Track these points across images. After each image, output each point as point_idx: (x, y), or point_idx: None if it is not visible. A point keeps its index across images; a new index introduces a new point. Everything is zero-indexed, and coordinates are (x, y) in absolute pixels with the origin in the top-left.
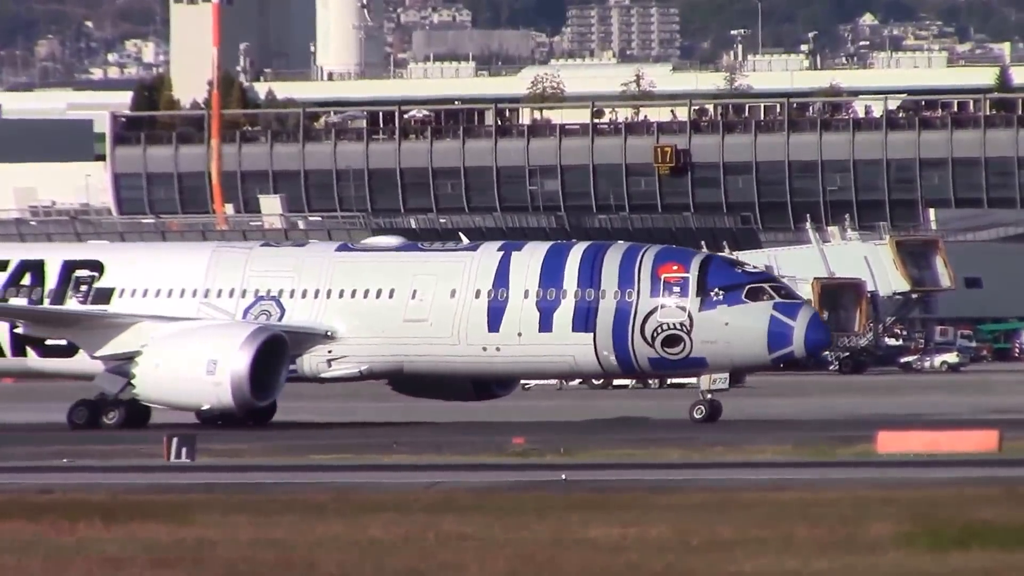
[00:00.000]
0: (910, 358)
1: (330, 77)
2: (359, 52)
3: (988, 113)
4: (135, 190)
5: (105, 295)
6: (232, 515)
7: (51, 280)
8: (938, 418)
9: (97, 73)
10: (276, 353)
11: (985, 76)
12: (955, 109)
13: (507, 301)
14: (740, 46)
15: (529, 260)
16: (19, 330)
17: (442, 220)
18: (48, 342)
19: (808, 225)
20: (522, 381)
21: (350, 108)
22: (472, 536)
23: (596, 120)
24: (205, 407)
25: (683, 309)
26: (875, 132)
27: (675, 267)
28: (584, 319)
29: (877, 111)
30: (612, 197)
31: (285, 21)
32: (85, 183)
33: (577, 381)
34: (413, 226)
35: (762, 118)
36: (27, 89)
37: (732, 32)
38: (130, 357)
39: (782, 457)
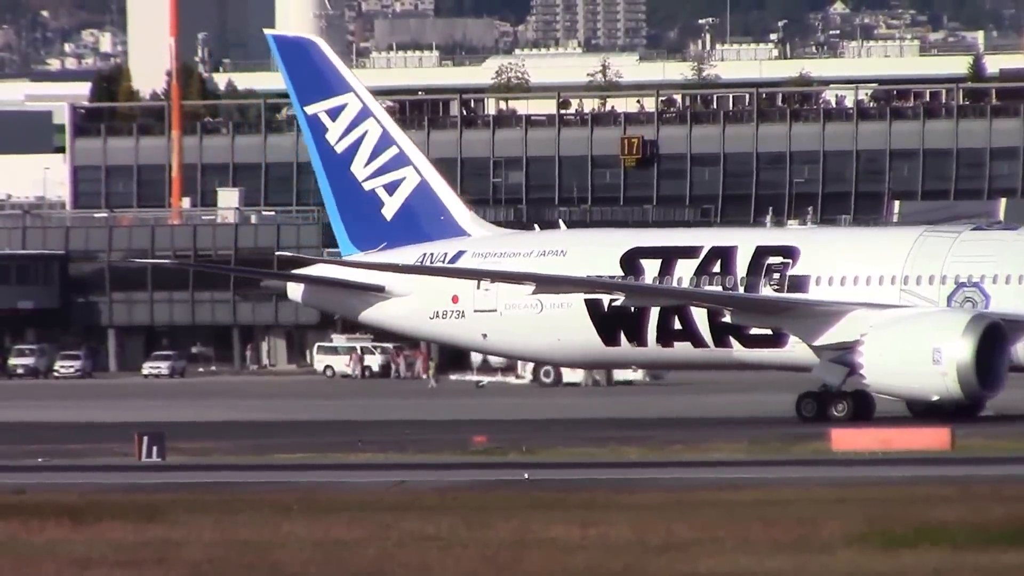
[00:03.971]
0: None
1: None
2: None
3: (961, 103)
4: (93, 183)
5: (800, 283)
6: (198, 515)
7: (741, 267)
8: (886, 415)
9: (54, 64)
10: (994, 342)
11: (958, 65)
12: (927, 99)
13: None
14: (708, 35)
15: None
16: (727, 319)
17: None
18: (752, 332)
19: (768, 217)
20: (475, 379)
21: None
22: (435, 536)
23: (562, 111)
24: (934, 398)
25: None
26: (846, 123)
27: None
28: None
29: (848, 101)
30: (576, 189)
31: (243, 10)
32: (43, 176)
33: (528, 379)
34: None
35: (731, 108)
36: None
37: (700, 21)
38: (849, 347)
39: (739, 456)
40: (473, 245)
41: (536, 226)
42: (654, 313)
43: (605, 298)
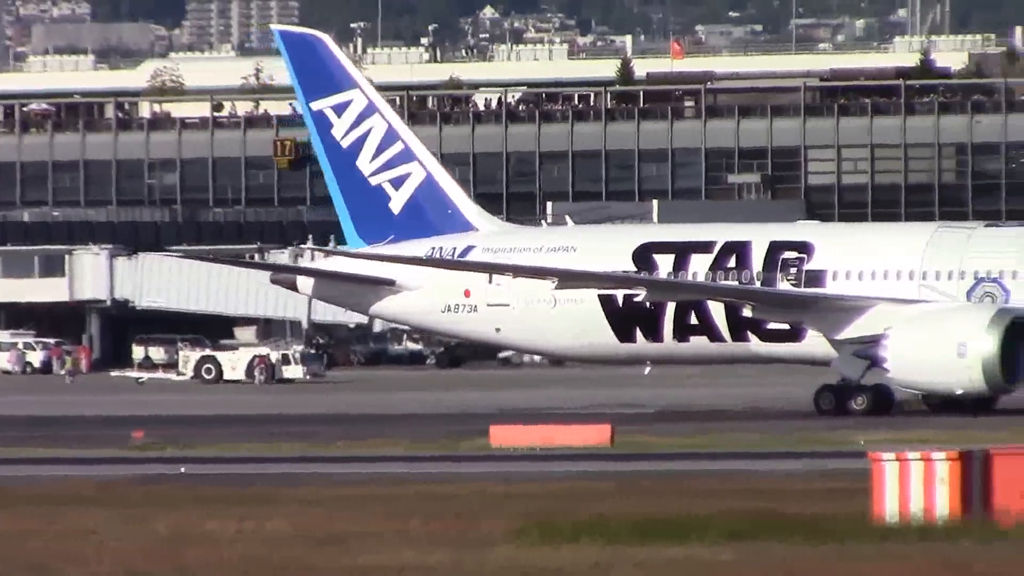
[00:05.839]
0: (509, 352)
1: None
2: None
3: (609, 106)
4: None
5: (816, 277)
6: None
7: (756, 262)
8: (551, 412)
9: None
10: (1017, 336)
11: (607, 69)
12: (576, 102)
13: None
14: (359, 39)
15: None
16: (747, 313)
17: (55, 213)
18: (770, 326)
19: None
20: (136, 376)
21: None
22: (92, 530)
23: (216, 114)
24: (959, 392)
25: None
26: (496, 125)
27: None
28: None
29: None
30: (230, 191)
31: None
32: None
33: (189, 376)
34: (26, 219)
35: None
36: None
37: (351, 25)
38: (872, 341)
39: (401, 451)
40: (482, 240)
41: (544, 222)
42: (670, 308)
43: (619, 293)
